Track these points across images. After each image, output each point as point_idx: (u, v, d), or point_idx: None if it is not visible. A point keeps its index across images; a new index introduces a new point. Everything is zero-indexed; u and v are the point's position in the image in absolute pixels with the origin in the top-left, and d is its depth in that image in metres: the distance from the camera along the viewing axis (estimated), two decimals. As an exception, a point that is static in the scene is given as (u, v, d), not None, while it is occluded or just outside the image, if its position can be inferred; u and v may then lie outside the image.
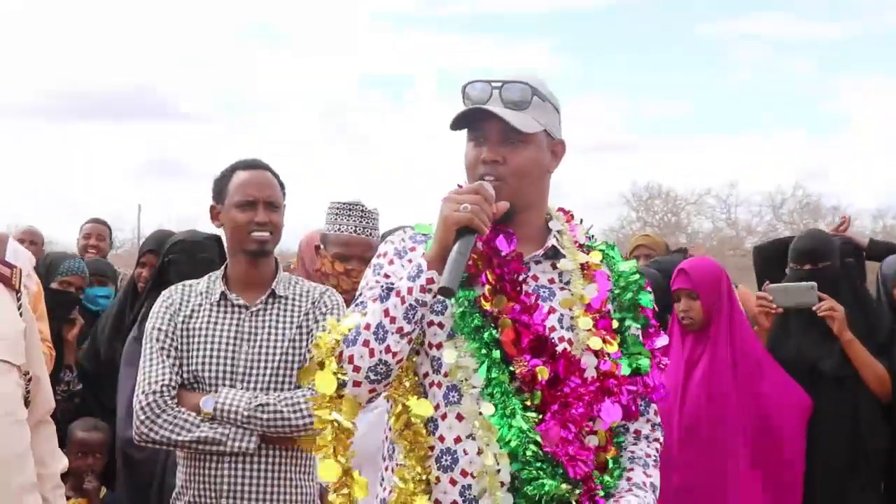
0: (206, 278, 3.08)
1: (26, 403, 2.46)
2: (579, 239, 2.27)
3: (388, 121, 48.88)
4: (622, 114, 50.54)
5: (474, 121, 2.18)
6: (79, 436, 4.09)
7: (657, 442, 2.29)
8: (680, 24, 47.62)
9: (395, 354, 2.06)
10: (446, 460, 2.10)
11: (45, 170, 49.44)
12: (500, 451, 2.04)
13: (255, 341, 2.95)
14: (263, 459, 2.88)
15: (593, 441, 2.13)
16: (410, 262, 2.17)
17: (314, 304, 3.01)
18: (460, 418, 2.10)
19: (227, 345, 2.94)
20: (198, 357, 2.93)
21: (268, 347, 2.94)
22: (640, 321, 2.24)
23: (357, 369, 2.06)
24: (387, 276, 2.17)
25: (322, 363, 2.09)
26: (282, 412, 2.84)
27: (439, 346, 2.13)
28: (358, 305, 2.16)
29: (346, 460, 2.11)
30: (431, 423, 2.13)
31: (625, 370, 2.17)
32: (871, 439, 3.91)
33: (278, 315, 2.99)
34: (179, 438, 2.85)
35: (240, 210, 2.98)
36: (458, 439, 2.10)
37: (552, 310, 2.16)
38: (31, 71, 50.70)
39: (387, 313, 2.06)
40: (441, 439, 2.11)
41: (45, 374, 2.68)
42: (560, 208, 2.32)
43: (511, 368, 2.08)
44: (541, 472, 2.04)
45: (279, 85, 52.20)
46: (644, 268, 4.19)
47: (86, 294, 5.19)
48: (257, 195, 2.98)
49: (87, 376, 4.45)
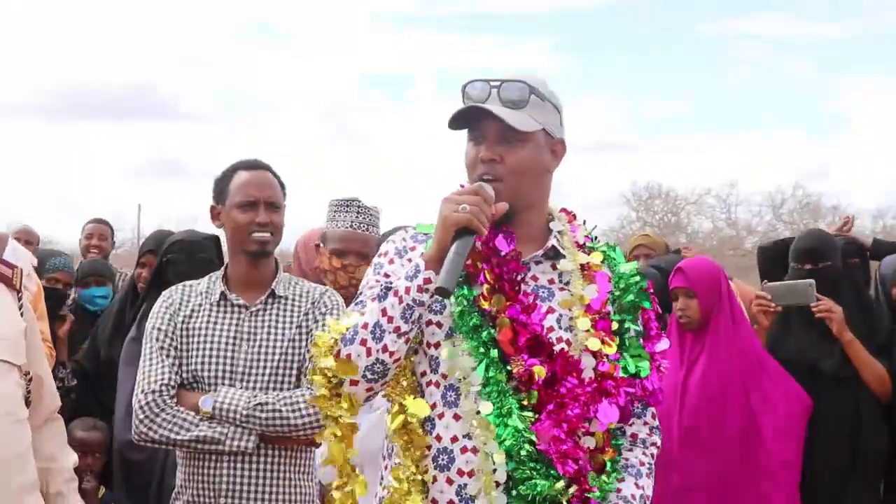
0: (207, 278, 3.09)
1: (27, 403, 2.46)
2: (580, 239, 2.27)
3: (388, 121, 48.92)
4: (622, 114, 50.59)
5: (473, 120, 2.18)
6: (78, 435, 4.08)
7: (654, 446, 2.28)
8: (680, 24, 47.66)
9: (392, 354, 2.07)
10: (443, 459, 2.10)
11: (45, 170, 49.55)
12: (498, 451, 2.04)
13: (254, 341, 2.95)
14: (262, 459, 2.88)
15: (590, 442, 2.12)
16: (410, 261, 2.17)
17: (314, 304, 3.01)
18: (457, 418, 2.10)
19: (226, 344, 2.95)
20: (197, 357, 2.93)
21: (267, 347, 2.94)
22: (640, 323, 2.23)
23: (354, 368, 2.06)
24: (387, 276, 2.17)
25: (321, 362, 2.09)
26: (280, 411, 2.84)
27: (437, 345, 2.13)
28: (358, 304, 2.16)
29: (350, 456, 2.12)
30: (428, 422, 2.13)
31: (623, 372, 2.16)
32: (871, 439, 3.91)
33: (278, 315, 2.99)
34: (178, 437, 2.85)
35: (241, 210, 2.98)
36: (455, 438, 2.10)
37: (551, 310, 2.16)
38: (31, 71, 50.80)
39: (384, 313, 2.06)
40: (438, 438, 2.11)
41: (49, 373, 2.69)
42: (563, 209, 2.32)
43: (508, 368, 2.08)
44: (534, 471, 2.03)
45: (279, 85, 52.29)
46: (644, 268, 4.19)
47: (84, 294, 5.19)
48: (258, 195, 2.99)
49: (88, 376, 4.44)
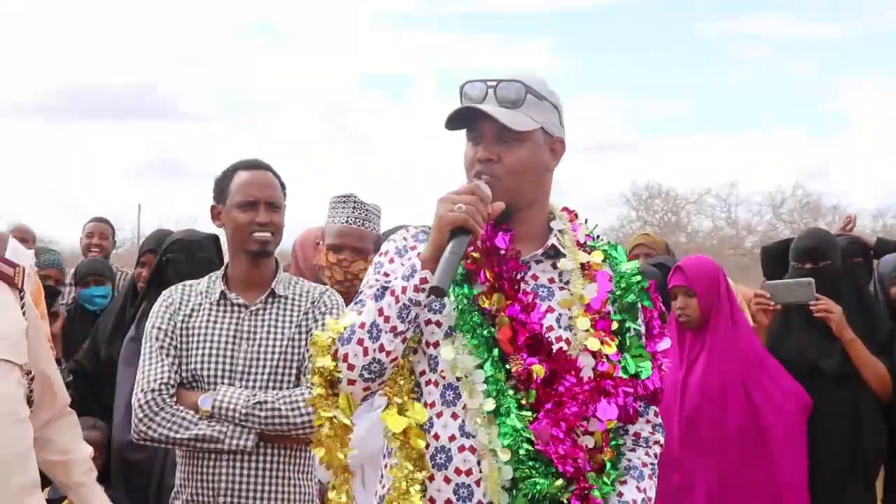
0: (207, 278, 3.09)
1: (30, 402, 2.45)
2: (581, 238, 2.26)
3: (388, 121, 48.89)
4: (622, 114, 50.55)
5: (471, 120, 2.18)
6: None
7: (657, 445, 2.27)
8: (680, 24, 47.61)
9: (388, 353, 2.07)
10: (441, 458, 2.10)
11: (45, 170, 49.52)
12: (502, 448, 2.03)
13: (254, 340, 2.95)
14: (261, 458, 2.88)
15: (588, 442, 2.11)
16: (410, 260, 2.17)
17: (314, 303, 3.02)
18: (455, 417, 2.10)
19: (226, 344, 2.95)
20: (197, 356, 2.94)
21: (267, 346, 2.94)
22: (641, 322, 2.22)
23: (351, 367, 2.07)
24: (386, 275, 2.17)
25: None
26: (279, 410, 2.84)
27: (436, 344, 2.13)
28: (357, 304, 2.16)
29: (345, 457, 2.11)
30: (427, 421, 2.13)
31: (623, 372, 2.15)
32: (871, 439, 3.92)
33: (277, 314, 2.99)
34: (177, 436, 2.85)
35: (241, 210, 2.98)
36: (453, 437, 2.10)
37: (550, 309, 2.16)
38: (31, 71, 50.74)
39: (381, 312, 2.06)
40: (436, 437, 2.11)
41: (56, 370, 2.69)
42: (564, 207, 2.31)
43: (507, 367, 2.08)
44: (534, 470, 2.03)
45: (279, 85, 52.27)
46: (644, 266, 4.18)
47: (83, 294, 5.19)
48: (259, 195, 2.99)
49: (87, 376, 4.44)
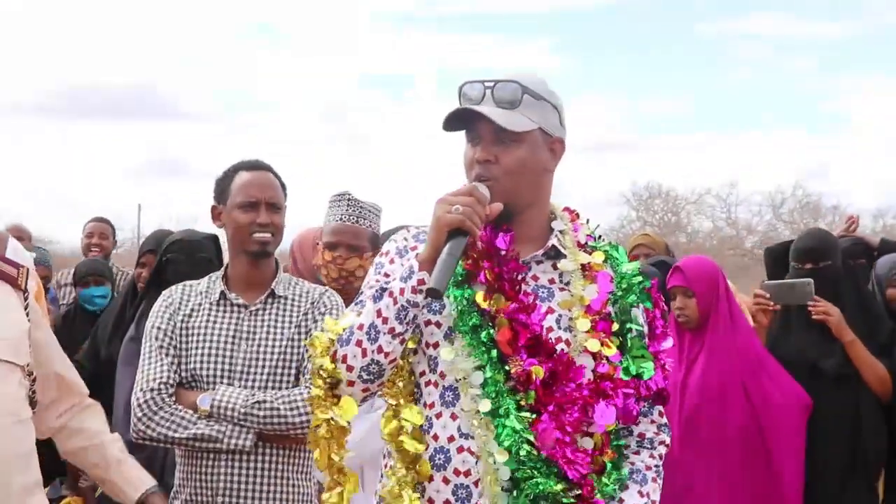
0: (207, 278, 3.09)
1: (32, 404, 2.45)
2: (582, 239, 2.25)
3: (388, 121, 48.95)
4: (622, 113, 50.64)
5: (469, 121, 2.17)
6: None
7: (662, 445, 2.26)
8: (680, 24, 47.70)
9: (387, 355, 2.06)
10: (439, 459, 2.10)
11: (45, 169, 49.58)
12: (500, 450, 2.03)
13: (253, 340, 2.95)
14: (260, 457, 2.88)
15: (588, 443, 2.11)
16: (409, 261, 2.16)
17: (313, 304, 3.01)
18: (455, 417, 2.10)
19: (225, 343, 2.95)
20: (196, 356, 2.94)
21: (266, 346, 2.94)
22: (644, 323, 2.22)
23: (350, 369, 2.07)
24: (386, 276, 2.17)
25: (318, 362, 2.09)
26: (278, 409, 2.84)
27: (436, 345, 2.13)
28: (357, 304, 2.15)
29: (341, 458, 2.11)
30: (426, 421, 2.13)
31: (624, 374, 2.14)
32: (872, 439, 3.91)
33: (277, 315, 2.99)
34: (176, 435, 2.85)
35: (242, 211, 2.98)
36: (452, 438, 2.10)
37: (550, 310, 2.15)
38: (31, 71, 50.79)
39: (379, 314, 2.05)
40: (435, 438, 2.11)
41: (68, 366, 2.67)
42: (566, 207, 2.30)
43: (506, 368, 2.07)
44: (535, 471, 2.03)
45: (279, 85, 52.39)
46: (644, 266, 4.18)
47: (83, 294, 5.19)
48: (259, 196, 2.99)
49: (87, 376, 4.43)
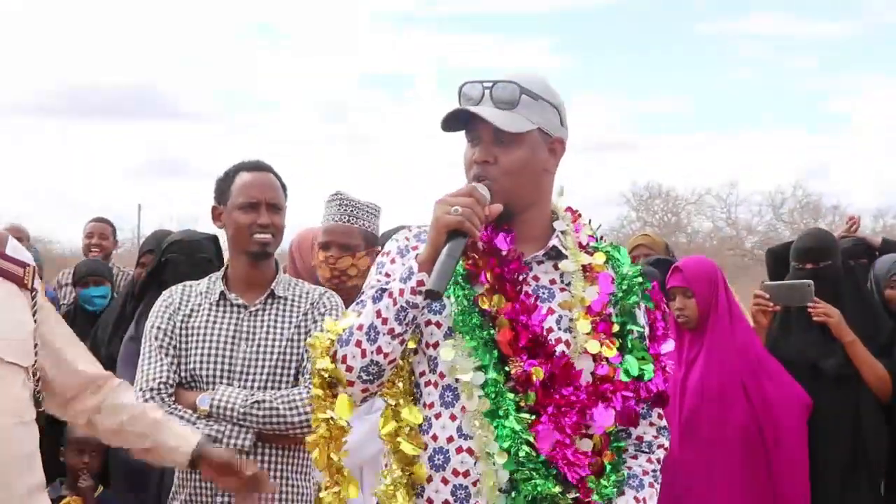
0: (207, 279, 3.09)
1: (37, 404, 2.44)
2: (583, 240, 2.23)
3: (388, 121, 48.94)
4: (622, 113, 50.64)
5: (469, 121, 2.16)
6: (76, 434, 4.08)
7: (661, 449, 2.25)
8: (680, 23, 47.69)
9: (386, 355, 2.06)
10: (438, 459, 2.10)
11: (45, 169, 49.55)
12: (499, 451, 2.03)
13: (253, 341, 2.95)
14: (259, 457, 2.88)
15: (587, 445, 2.10)
16: (410, 261, 2.15)
17: (313, 304, 3.02)
18: (454, 418, 2.10)
19: (225, 344, 2.95)
20: (196, 356, 2.94)
21: (266, 347, 2.94)
22: (645, 325, 2.21)
23: (350, 369, 2.06)
24: (388, 275, 2.16)
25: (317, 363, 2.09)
26: (277, 409, 2.84)
27: (436, 345, 2.12)
28: (358, 304, 2.15)
29: (339, 458, 2.11)
30: (425, 421, 2.12)
31: (624, 375, 2.13)
32: (872, 439, 3.91)
33: (277, 315, 2.99)
34: (175, 435, 2.84)
35: (242, 212, 2.99)
36: (451, 439, 2.09)
37: (551, 311, 2.14)
38: (32, 71, 50.78)
39: (379, 314, 2.05)
40: (434, 438, 2.11)
41: (85, 357, 2.60)
42: (568, 208, 2.28)
43: (506, 368, 2.07)
44: (534, 472, 2.02)
45: (279, 85, 52.39)
46: (646, 267, 4.18)
47: (82, 294, 5.19)
48: (260, 197, 2.99)
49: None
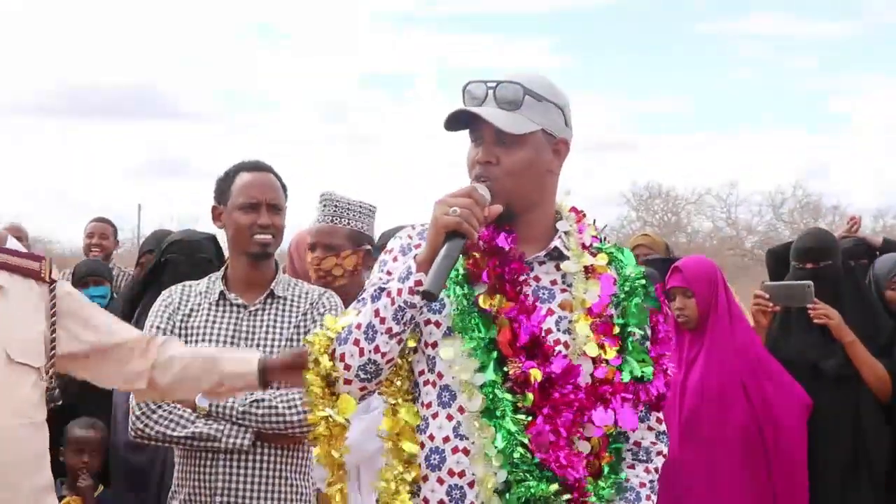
0: (207, 279, 3.10)
1: (49, 402, 2.44)
2: (587, 240, 2.22)
3: (388, 120, 48.90)
4: (622, 113, 50.61)
5: (472, 121, 2.16)
6: (75, 434, 4.09)
7: (660, 456, 2.24)
8: (680, 23, 47.65)
9: (384, 354, 2.06)
10: (434, 459, 2.10)
11: (45, 169, 49.51)
12: (494, 452, 2.02)
13: (252, 341, 2.95)
14: (259, 457, 2.88)
15: (585, 447, 2.10)
16: (410, 260, 2.15)
17: (312, 305, 3.02)
18: (450, 418, 2.10)
19: (224, 343, 2.95)
20: (195, 356, 2.93)
21: (265, 347, 2.94)
22: (647, 326, 2.20)
23: (348, 367, 2.07)
24: (389, 273, 2.16)
25: (316, 360, 2.09)
26: (276, 408, 2.84)
27: (435, 344, 2.12)
28: (359, 303, 2.15)
29: (340, 455, 2.11)
30: (422, 421, 2.13)
31: (624, 377, 2.12)
32: (872, 439, 3.91)
33: (276, 315, 2.99)
34: (174, 434, 2.85)
35: (242, 212, 2.99)
36: (447, 439, 2.09)
37: (550, 311, 2.13)
38: (32, 71, 50.75)
39: (377, 313, 2.05)
40: (431, 438, 2.11)
41: (125, 329, 2.59)
42: (572, 208, 2.27)
43: (504, 369, 2.06)
44: (528, 474, 2.02)
45: (279, 85, 52.34)
46: (646, 269, 4.18)
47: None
48: (260, 198, 2.99)
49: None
